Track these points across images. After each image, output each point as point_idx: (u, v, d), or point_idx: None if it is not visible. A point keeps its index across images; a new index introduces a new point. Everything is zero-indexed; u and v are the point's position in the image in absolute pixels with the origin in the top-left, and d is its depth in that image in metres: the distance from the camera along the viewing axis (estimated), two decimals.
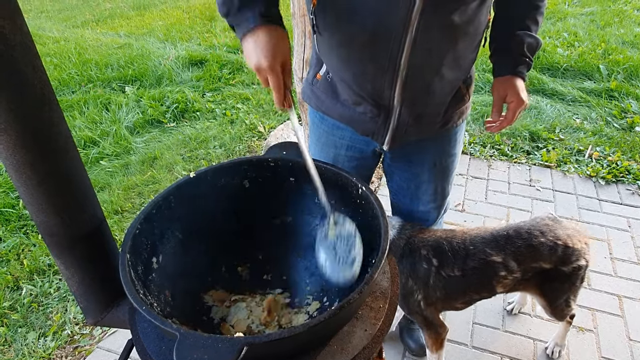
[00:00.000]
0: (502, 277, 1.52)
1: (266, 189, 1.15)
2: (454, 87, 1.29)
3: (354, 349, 0.86)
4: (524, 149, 3.31)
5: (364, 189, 1.00)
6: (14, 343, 2.10)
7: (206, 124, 3.77)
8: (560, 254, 1.51)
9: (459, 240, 1.55)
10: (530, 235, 1.52)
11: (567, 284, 1.60)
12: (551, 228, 1.54)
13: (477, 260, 1.51)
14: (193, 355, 0.68)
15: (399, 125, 1.27)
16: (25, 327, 2.17)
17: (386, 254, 0.86)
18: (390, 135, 1.30)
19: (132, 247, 0.90)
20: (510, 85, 1.30)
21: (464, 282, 1.53)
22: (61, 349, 2.08)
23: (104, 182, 3.15)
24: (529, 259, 1.52)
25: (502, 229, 1.56)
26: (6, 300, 2.30)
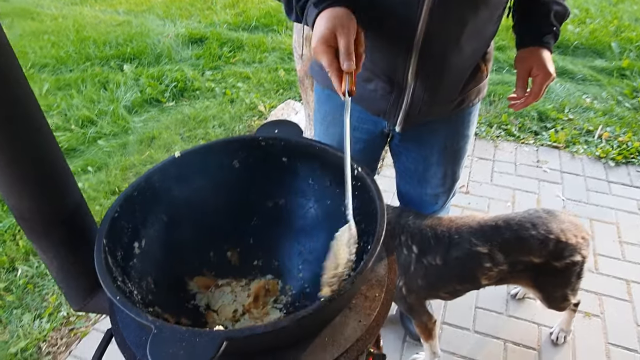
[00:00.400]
0: (487, 269, 1.45)
1: (257, 170, 1.08)
2: (473, 62, 1.20)
3: (346, 341, 0.80)
4: (531, 129, 3.21)
5: (360, 170, 0.93)
6: (9, 324, 2.07)
7: (205, 103, 3.69)
8: (552, 248, 1.43)
9: (444, 228, 1.47)
10: (520, 227, 1.44)
11: (560, 280, 1.53)
12: (544, 221, 1.45)
13: (461, 250, 1.44)
14: (168, 350, 0.63)
15: (412, 103, 1.19)
16: (21, 309, 2.14)
17: (382, 240, 0.79)
18: (402, 115, 1.22)
19: (110, 231, 0.84)
20: (536, 57, 1.20)
21: (446, 271, 1.47)
22: (57, 330, 2.06)
23: (101, 162, 3.09)
24: (517, 251, 1.44)
25: (492, 219, 1.48)
26: (1, 281, 2.27)
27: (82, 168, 3.04)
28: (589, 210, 2.53)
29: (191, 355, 0.62)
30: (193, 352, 0.62)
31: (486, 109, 3.42)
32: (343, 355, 0.78)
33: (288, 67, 4.12)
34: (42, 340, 2.01)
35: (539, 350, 1.85)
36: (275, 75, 4.01)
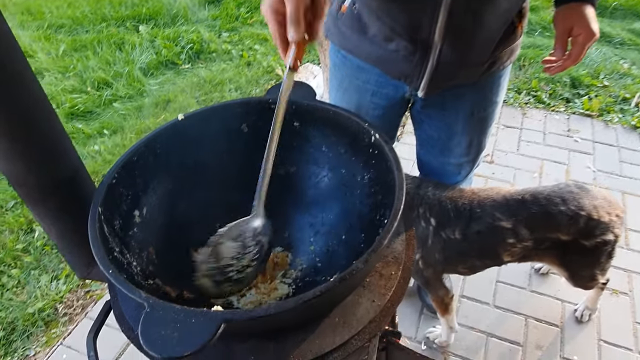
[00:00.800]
0: (510, 245, 1.37)
1: (266, 135, 1.00)
2: (507, 19, 1.07)
3: (358, 322, 0.74)
4: (563, 96, 3.03)
5: (377, 137, 0.84)
6: (27, 285, 2.10)
7: (222, 66, 3.59)
8: (582, 225, 1.33)
9: (466, 201, 1.38)
10: (548, 202, 1.33)
11: (590, 259, 1.43)
12: (576, 196, 1.35)
13: (483, 224, 1.35)
14: (160, 332, 0.57)
15: (438, 66, 1.08)
16: (38, 270, 2.16)
17: (400, 215, 0.72)
18: (427, 79, 1.12)
19: (106, 199, 0.78)
20: (578, 15, 1.07)
21: (465, 246, 1.39)
22: (73, 292, 2.07)
23: (117, 124, 3.05)
24: (544, 228, 1.35)
25: (518, 192, 1.38)
26: (20, 242, 2.29)
27: (98, 131, 3.01)
28: (621, 183, 2.39)
29: (185, 338, 0.56)
30: (188, 335, 0.57)
31: (515, 74, 3.23)
32: (354, 338, 0.72)
33: None
34: (58, 302, 2.03)
35: (562, 327, 1.78)
36: None
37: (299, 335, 0.72)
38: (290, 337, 0.72)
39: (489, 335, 1.77)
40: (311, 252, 0.97)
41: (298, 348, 0.70)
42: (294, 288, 0.91)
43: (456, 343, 1.75)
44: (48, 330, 1.93)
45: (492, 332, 1.78)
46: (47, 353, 1.83)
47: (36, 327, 1.93)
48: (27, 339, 1.90)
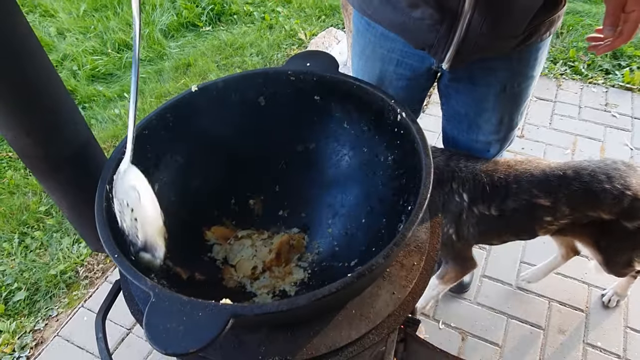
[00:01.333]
0: (547, 223, 1.30)
1: (286, 109, 0.94)
2: None
3: (376, 315, 0.69)
4: (602, 68, 2.84)
5: (404, 116, 0.77)
6: (49, 247, 2.13)
7: (243, 29, 3.48)
8: (627, 206, 1.23)
9: (501, 175, 1.29)
10: (592, 179, 1.23)
11: (629, 243, 1.33)
12: (622, 174, 1.24)
13: (519, 202, 1.27)
14: (166, 324, 0.54)
15: (467, 37, 0.98)
16: (60, 233, 2.19)
17: (426, 204, 0.66)
18: (453, 51, 1.02)
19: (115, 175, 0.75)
20: None
21: (501, 223, 1.32)
22: (93, 256, 2.10)
23: None
24: (585, 205, 1.26)
25: (559, 166, 1.28)
26: (43, 204, 2.32)
27: (119, 94, 2.99)
28: None
29: (192, 332, 0.53)
30: (194, 329, 0.53)
31: (552, 42, 3.04)
32: (372, 332, 0.68)
33: None
34: (80, 265, 2.06)
35: (587, 312, 1.72)
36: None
37: (313, 327, 0.68)
38: (303, 328, 0.68)
39: (509, 317, 1.72)
40: (329, 235, 0.93)
41: (311, 341, 0.67)
42: (309, 273, 0.87)
43: (475, 323, 1.72)
44: (70, 292, 1.97)
45: (513, 314, 1.73)
46: (69, 314, 1.87)
47: (58, 288, 1.97)
48: (50, 299, 1.94)
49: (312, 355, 0.65)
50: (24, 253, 2.11)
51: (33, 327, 1.85)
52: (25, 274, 2.02)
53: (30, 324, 1.85)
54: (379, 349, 0.77)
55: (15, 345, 1.79)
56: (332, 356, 0.66)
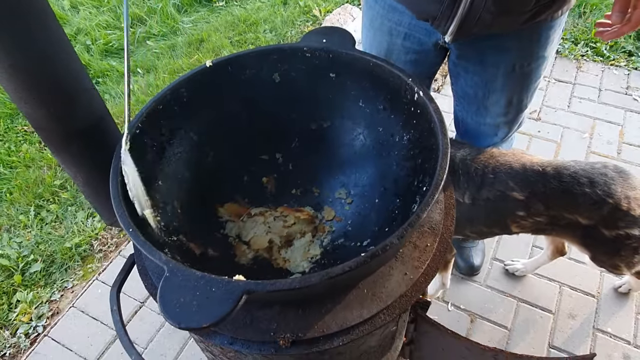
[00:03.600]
0: (520, 217, 1.26)
1: (300, 86, 0.93)
2: None
3: (388, 296, 0.69)
4: (625, 49, 2.75)
5: (421, 95, 0.76)
6: (64, 220, 2.17)
7: (257, 4, 3.43)
8: (605, 214, 1.18)
9: (479, 164, 1.26)
10: (573, 180, 1.19)
11: (608, 249, 1.28)
12: (609, 182, 1.18)
13: (493, 192, 1.24)
14: (180, 298, 0.54)
15: (471, 10, 0.95)
16: (75, 206, 2.22)
17: (442, 185, 0.65)
18: (456, 24, 0.99)
19: (130, 150, 0.74)
20: None
21: (474, 212, 1.29)
22: (107, 230, 2.13)
23: (150, 63, 3.01)
24: (561, 206, 1.22)
25: (541, 162, 1.24)
26: (57, 178, 2.35)
27: (132, 70, 2.98)
28: None
29: (205, 307, 0.53)
30: (208, 304, 0.54)
31: (573, 21, 2.95)
32: (383, 312, 0.68)
33: None
34: (94, 238, 2.09)
35: (599, 298, 1.71)
36: None
37: (325, 305, 0.68)
38: (315, 306, 0.68)
39: (519, 300, 1.72)
40: (342, 215, 0.92)
41: (322, 319, 0.67)
42: (322, 251, 0.87)
43: (484, 306, 1.72)
44: (84, 265, 2.00)
45: (523, 298, 1.73)
46: (84, 286, 1.91)
47: (73, 261, 2.01)
48: (65, 272, 1.98)
49: (323, 333, 0.66)
50: (40, 225, 2.15)
51: (49, 297, 1.89)
52: (41, 246, 2.06)
53: (46, 295, 1.90)
54: (390, 328, 0.77)
55: (32, 315, 1.84)
56: (343, 334, 0.66)
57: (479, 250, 1.82)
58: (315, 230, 0.91)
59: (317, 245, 0.88)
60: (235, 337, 0.67)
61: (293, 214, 0.92)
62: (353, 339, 0.66)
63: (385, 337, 0.78)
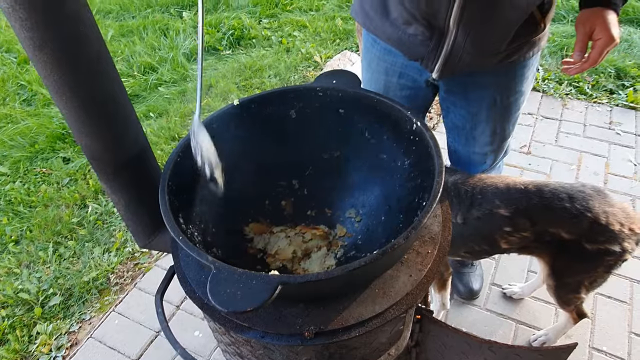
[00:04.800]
0: (507, 233, 1.36)
1: (314, 121, 1.08)
2: (526, 12, 1.10)
3: (396, 294, 0.81)
4: (606, 88, 2.96)
5: (419, 125, 0.90)
6: (82, 256, 2.27)
7: (262, 52, 3.67)
8: (586, 227, 1.28)
9: (469, 186, 1.38)
10: (552, 196, 1.30)
11: (586, 265, 1.36)
12: (586, 197, 1.29)
13: (482, 211, 1.35)
14: (226, 290, 0.66)
15: (452, 51, 1.13)
16: (92, 242, 2.33)
17: (438, 198, 0.78)
18: (441, 63, 1.16)
19: (172, 174, 0.88)
20: (599, 19, 1.08)
21: (465, 230, 1.39)
22: (123, 264, 2.23)
23: (162, 108, 3.19)
24: (545, 221, 1.32)
25: (523, 182, 1.36)
26: (75, 216, 2.47)
27: (145, 114, 3.16)
28: None
29: (247, 296, 0.65)
30: (249, 294, 0.65)
31: (556, 63, 3.18)
32: (392, 307, 0.79)
33: (346, 15, 3.99)
34: (110, 272, 2.19)
35: (593, 318, 1.79)
36: (332, 24, 3.90)
37: (342, 303, 0.80)
38: (333, 304, 0.80)
39: (518, 322, 1.81)
40: (352, 231, 1.05)
41: (341, 314, 0.78)
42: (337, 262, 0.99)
43: (485, 329, 1.80)
44: (101, 297, 2.09)
45: (521, 320, 1.82)
46: (101, 318, 1.99)
47: (91, 294, 2.09)
48: (82, 304, 2.06)
49: (342, 326, 0.77)
50: (58, 261, 2.25)
51: (68, 329, 1.97)
52: (59, 280, 2.15)
53: (65, 327, 1.97)
54: (398, 327, 0.88)
55: (52, 346, 1.91)
56: (359, 326, 0.77)
57: (478, 275, 1.92)
58: (329, 244, 1.03)
59: (332, 257, 1.00)
60: (267, 331, 0.78)
61: (310, 231, 1.04)
62: (368, 330, 0.77)
63: (394, 334, 0.89)
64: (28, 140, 2.97)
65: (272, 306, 0.80)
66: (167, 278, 0.95)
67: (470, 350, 0.91)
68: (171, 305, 1.97)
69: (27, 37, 0.73)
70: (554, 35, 3.39)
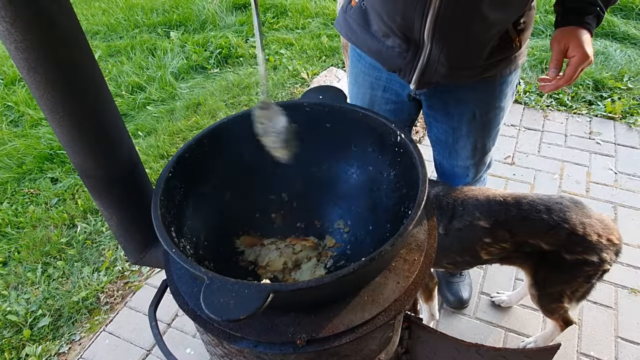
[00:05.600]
0: (487, 244, 1.39)
1: (302, 135, 1.10)
2: (499, 30, 1.15)
3: (385, 300, 0.83)
4: (585, 99, 3.05)
5: (403, 137, 0.94)
6: (71, 276, 2.25)
7: (249, 70, 3.72)
8: (564, 238, 1.31)
9: (450, 199, 1.42)
10: (530, 208, 1.34)
11: (566, 275, 1.39)
12: (563, 208, 1.32)
13: (463, 222, 1.39)
14: (220, 299, 0.68)
15: (428, 63, 1.17)
16: (81, 262, 2.32)
17: (423, 206, 0.81)
18: (417, 74, 1.21)
19: (165, 190, 0.90)
20: (574, 37, 1.13)
21: (447, 242, 1.42)
22: (113, 283, 2.22)
23: (150, 127, 3.21)
24: (524, 232, 1.35)
25: (503, 194, 1.40)
26: (63, 236, 2.46)
27: (133, 133, 3.17)
28: None
29: (240, 304, 0.67)
30: (242, 302, 0.67)
31: (537, 76, 3.27)
32: (381, 314, 0.82)
33: (331, 32, 4.07)
34: (100, 291, 2.18)
35: (580, 324, 1.83)
36: (318, 41, 3.98)
37: (332, 310, 0.82)
38: (324, 312, 0.82)
39: (507, 330, 1.84)
40: (341, 241, 1.07)
41: (331, 322, 0.80)
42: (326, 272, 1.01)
43: (475, 337, 1.82)
44: (91, 317, 2.07)
45: (510, 328, 1.84)
46: (91, 338, 1.97)
47: (80, 314, 2.08)
48: (72, 325, 2.04)
49: (332, 333, 0.79)
50: (47, 282, 2.24)
51: (57, 350, 1.95)
52: (48, 301, 2.13)
53: (55, 348, 1.95)
54: (387, 333, 0.90)
55: None
56: (349, 333, 0.79)
57: (467, 284, 1.95)
58: (319, 255, 1.05)
59: (322, 267, 1.02)
60: (259, 340, 0.80)
61: (300, 242, 1.06)
62: (358, 336, 0.79)
63: (384, 341, 0.91)
64: (15, 162, 2.96)
65: (264, 316, 0.82)
66: (160, 292, 0.97)
67: (458, 354, 0.94)
68: (162, 323, 1.96)
69: (22, 58, 0.75)
70: (533, 49, 3.50)
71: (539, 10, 3.98)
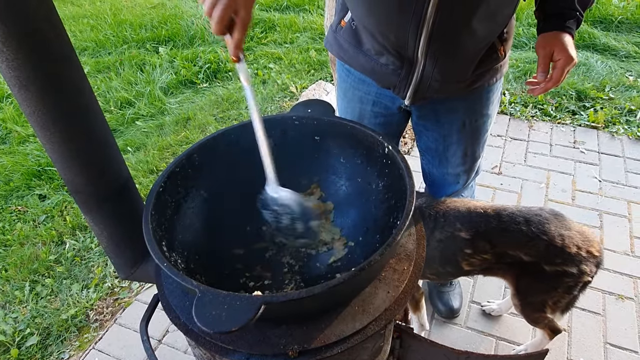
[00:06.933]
0: (468, 255, 1.41)
1: (291, 148, 1.12)
2: (487, 43, 1.19)
3: (375, 310, 0.84)
4: (569, 109, 3.12)
5: (390, 149, 0.96)
6: (59, 293, 2.23)
7: (238, 84, 3.74)
8: (543, 249, 1.33)
9: (433, 210, 1.44)
10: (509, 220, 1.36)
11: (546, 286, 1.41)
12: (542, 220, 1.35)
13: (444, 233, 1.41)
14: (211, 312, 0.68)
15: (422, 79, 1.21)
16: (70, 279, 2.29)
17: (411, 216, 0.83)
18: (412, 90, 1.24)
19: (155, 204, 0.91)
20: (557, 42, 1.18)
21: (429, 252, 1.41)
22: (102, 300, 2.19)
23: (139, 142, 3.21)
24: (504, 243, 1.38)
25: (483, 206, 1.42)
26: (52, 253, 2.43)
27: (122, 148, 3.17)
28: (627, 192, 2.47)
29: (232, 316, 0.68)
30: (234, 314, 0.68)
31: (521, 88, 3.34)
32: (372, 323, 0.82)
33: (319, 47, 4.12)
34: (89, 309, 2.15)
35: (569, 331, 1.85)
36: (307, 55, 4.02)
37: (324, 321, 0.83)
38: (315, 323, 0.82)
39: (498, 338, 1.85)
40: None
41: (323, 332, 0.81)
42: None
43: (466, 346, 1.83)
44: (80, 335, 2.05)
45: (501, 336, 1.86)
46: (81, 356, 1.95)
47: (69, 332, 2.05)
48: (61, 343, 2.01)
49: (324, 343, 0.79)
50: (35, 300, 2.21)
51: None
52: (37, 319, 2.10)
53: None
54: (379, 343, 0.91)
55: None
56: (341, 343, 0.80)
57: (457, 294, 1.96)
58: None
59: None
60: (251, 353, 0.80)
61: None
62: (349, 346, 0.80)
63: (375, 351, 0.92)
64: (2, 179, 2.94)
65: (256, 328, 0.82)
66: (151, 306, 0.97)
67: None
68: (153, 339, 1.94)
69: (14, 76, 0.76)
70: (517, 61, 3.57)
71: (522, 24, 4.08)
